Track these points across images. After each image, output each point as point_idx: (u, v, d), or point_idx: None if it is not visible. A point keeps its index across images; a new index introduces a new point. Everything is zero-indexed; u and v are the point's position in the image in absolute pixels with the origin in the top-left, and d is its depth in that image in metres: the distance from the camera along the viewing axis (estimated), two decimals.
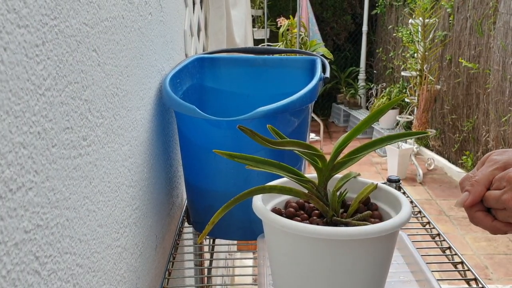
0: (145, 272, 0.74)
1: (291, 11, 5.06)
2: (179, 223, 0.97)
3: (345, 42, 6.16)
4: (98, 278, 0.53)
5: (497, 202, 0.56)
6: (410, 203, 0.56)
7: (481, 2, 3.67)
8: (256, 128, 0.54)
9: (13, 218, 0.35)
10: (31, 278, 0.38)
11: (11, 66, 0.35)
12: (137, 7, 0.72)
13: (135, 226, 0.68)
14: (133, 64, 0.69)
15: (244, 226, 0.84)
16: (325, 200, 0.56)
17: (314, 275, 0.52)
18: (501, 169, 0.58)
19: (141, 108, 0.73)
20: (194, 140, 0.83)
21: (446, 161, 4.24)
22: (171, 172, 0.96)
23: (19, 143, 0.36)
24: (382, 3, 5.68)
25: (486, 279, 2.57)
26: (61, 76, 0.44)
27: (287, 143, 0.54)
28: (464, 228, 3.18)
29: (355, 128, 0.56)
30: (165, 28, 0.93)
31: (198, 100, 1.01)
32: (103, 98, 0.55)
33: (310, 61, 1.02)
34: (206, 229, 0.51)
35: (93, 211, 0.52)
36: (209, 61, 1.05)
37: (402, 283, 0.66)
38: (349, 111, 5.65)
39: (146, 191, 0.75)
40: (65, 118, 0.45)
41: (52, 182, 0.42)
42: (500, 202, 0.55)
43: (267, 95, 1.02)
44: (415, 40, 4.12)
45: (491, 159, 0.60)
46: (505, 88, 3.28)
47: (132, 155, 0.68)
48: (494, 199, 0.56)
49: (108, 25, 0.58)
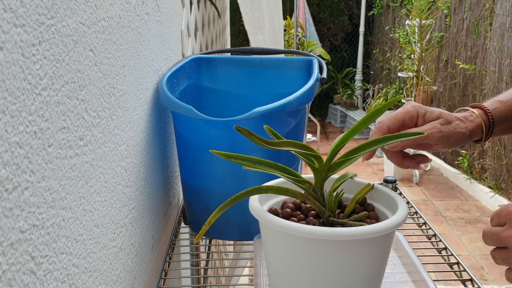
0: (142, 272, 0.74)
1: (288, 12, 5.06)
2: (175, 223, 0.97)
3: (342, 42, 6.17)
4: (94, 278, 0.53)
5: (497, 240, 0.52)
6: (406, 204, 0.56)
7: (477, 3, 3.68)
8: (252, 128, 0.54)
9: (8, 218, 0.35)
10: (27, 278, 0.38)
11: (8, 66, 0.35)
12: (134, 7, 0.72)
13: (131, 226, 0.68)
14: (130, 64, 0.69)
15: (241, 227, 0.85)
16: (322, 201, 0.56)
17: (311, 275, 0.52)
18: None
19: (138, 108, 0.73)
20: (190, 140, 0.83)
21: (443, 162, 4.25)
22: (167, 172, 0.95)
23: (15, 142, 0.36)
24: (379, 4, 5.69)
25: (482, 280, 2.57)
26: (58, 76, 0.44)
27: (283, 144, 0.54)
28: (460, 228, 3.18)
29: (352, 128, 0.56)
30: (162, 28, 0.93)
31: (195, 100, 1.01)
32: (99, 98, 0.55)
33: (307, 62, 1.02)
34: (203, 229, 0.51)
35: (89, 211, 0.52)
36: (206, 61, 1.05)
37: (398, 283, 0.66)
38: (346, 111, 5.65)
39: (143, 191, 0.75)
40: (61, 117, 0.45)
41: (48, 182, 0.42)
42: (500, 240, 0.51)
43: (264, 96, 1.02)
44: (411, 41, 4.13)
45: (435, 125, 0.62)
46: (501, 89, 3.29)
47: (129, 155, 0.68)
48: (494, 235, 0.52)
49: (105, 24, 0.57)
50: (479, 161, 3.64)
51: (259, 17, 1.68)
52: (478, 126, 0.66)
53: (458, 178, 3.88)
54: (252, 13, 1.65)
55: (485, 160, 3.56)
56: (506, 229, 0.51)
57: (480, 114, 0.67)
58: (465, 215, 3.39)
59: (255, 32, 1.67)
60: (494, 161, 3.44)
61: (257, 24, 1.67)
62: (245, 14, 1.64)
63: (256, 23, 1.67)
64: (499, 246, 0.52)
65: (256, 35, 1.68)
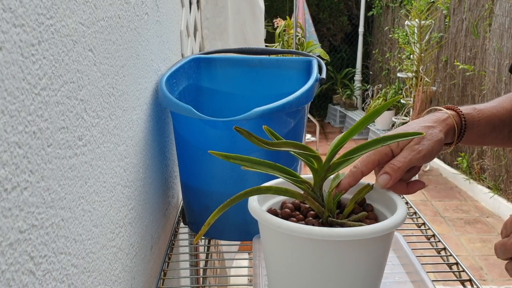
0: (141, 273, 0.74)
1: (288, 12, 5.06)
2: (174, 224, 0.97)
3: (342, 43, 6.17)
4: (93, 279, 0.53)
5: (506, 251, 0.51)
6: (405, 204, 0.56)
7: (476, 4, 3.69)
8: (252, 128, 0.54)
9: (8, 218, 0.35)
10: (26, 278, 0.38)
11: (7, 66, 0.35)
12: (134, 7, 0.72)
13: (130, 226, 0.68)
14: (129, 64, 0.69)
15: (240, 227, 0.84)
16: (321, 201, 0.56)
17: (310, 275, 0.52)
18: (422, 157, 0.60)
19: (137, 108, 0.73)
20: (190, 140, 0.83)
21: (442, 162, 4.25)
22: (166, 172, 0.95)
23: (14, 142, 0.36)
24: (378, 4, 5.69)
25: (481, 280, 2.58)
26: (57, 76, 0.44)
27: (283, 144, 0.54)
28: (459, 229, 3.19)
29: (351, 129, 0.56)
30: (161, 28, 0.93)
31: (194, 101, 1.01)
32: (99, 98, 0.55)
33: (306, 62, 1.02)
34: (202, 230, 0.51)
35: (88, 211, 0.52)
36: (205, 61, 1.05)
37: (397, 283, 0.66)
38: (345, 112, 5.65)
39: (142, 191, 0.75)
40: (60, 117, 0.45)
41: (47, 182, 0.42)
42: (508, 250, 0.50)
43: (263, 96, 1.02)
44: (411, 41, 4.13)
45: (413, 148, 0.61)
46: (500, 90, 3.29)
47: (128, 155, 0.68)
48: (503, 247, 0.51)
49: (104, 24, 0.57)
50: (478, 161, 3.64)
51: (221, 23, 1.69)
52: (451, 127, 0.66)
53: (457, 179, 3.88)
54: (213, 18, 1.66)
55: (484, 161, 3.56)
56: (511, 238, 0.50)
57: (453, 115, 0.66)
58: (464, 215, 3.40)
59: (213, 38, 1.69)
60: (493, 161, 3.44)
61: (217, 29, 1.68)
62: (205, 19, 1.65)
63: (216, 29, 1.68)
64: (508, 257, 0.52)
65: (214, 40, 1.70)
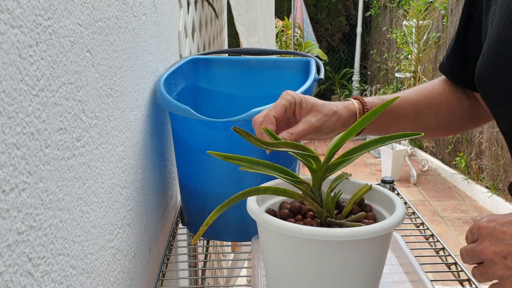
0: (139, 274, 0.74)
1: (286, 13, 5.07)
2: (173, 224, 0.97)
3: (340, 43, 6.18)
4: (92, 280, 0.53)
5: (473, 257, 0.53)
6: (404, 204, 0.56)
7: None
8: (250, 129, 0.54)
9: (6, 220, 0.35)
10: (24, 279, 0.38)
11: (5, 67, 0.35)
12: (132, 8, 0.72)
13: (129, 227, 0.68)
14: (127, 65, 0.69)
15: (238, 227, 0.84)
16: (319, 201, 0.56)
17: (308, 276, 0.52)
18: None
19: (135, 109, 0.73)
20: (188, 141, 0.83)
21: (440, 162, 4.26)
22: (165, 173, 0.95)
23: (12, 144, 0.36)
24: (376, 4, 5.70)
25: None
26: (55, 77, 0.44)
27: (281, 145, 0.54)
28: (458, 229, 3.19)
29: (350, 129, 0.57)
30: (159, 29, 0.93)
31: (193, 101, 1.01)
32: (97, 99, 0.55)
33: (304, 62, 1.02)
34: (201, 230, 0.51)
35: (86, 212, 0.52)
36: (203, 62, 1.05)
37: (396, 284, 0.66)
38: None
39: (140, 192, 0.75)
40: (58, 119, 0.45)
41: (46, 183, 0.42)
42: (475, 255, 0.52)
43: (261, 96, 1.02)
44: (409, 41, 4.14)
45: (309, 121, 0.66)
46: None
47: (126, 156, 0.68)
48: (470, 252, 0.53)
49: (102, 25, 0.57)
50: (476, 161, 3.65)
51: (254, 18, 1.67)
52: (353, 113, 0.71)
53: (456, 179, 3.89)
54: (246, 14, 1.64)
55: (482, 161, 3.57)
56: (478, 244, 0.52)
57: (357, 103, 0.72)
58: (463, 215, 3.40)
59: (248, 34, 1.66)
60: (491, 161, 3.44)
61: (251, 25, 1.66)
62: (238, 15, 1.63)
63: (250, 25, 1.66)
64: (475, 262, 0.53)
65: (250, 36, 1.67)
